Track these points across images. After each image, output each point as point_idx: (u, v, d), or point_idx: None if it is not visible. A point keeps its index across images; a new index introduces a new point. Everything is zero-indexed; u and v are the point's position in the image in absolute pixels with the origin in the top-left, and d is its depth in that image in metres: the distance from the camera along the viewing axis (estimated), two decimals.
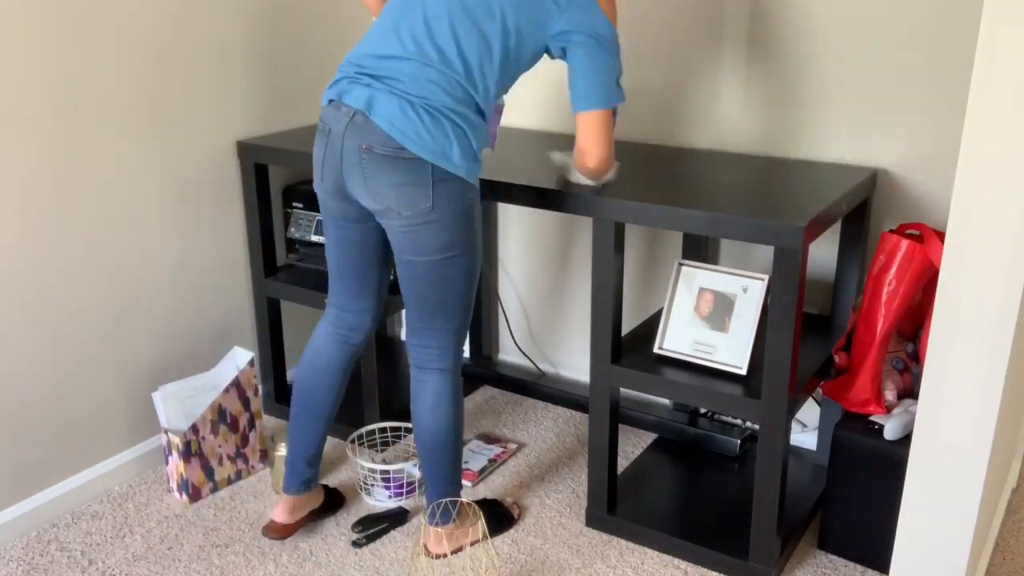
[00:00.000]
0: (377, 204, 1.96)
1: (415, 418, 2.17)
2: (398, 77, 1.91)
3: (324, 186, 2.03)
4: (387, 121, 1.89)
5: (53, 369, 2.39)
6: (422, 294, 2.05)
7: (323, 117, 1.99)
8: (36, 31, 2.20)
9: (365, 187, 1.94)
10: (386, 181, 1.92)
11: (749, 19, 2.45)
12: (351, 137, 1.92)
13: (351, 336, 2.24)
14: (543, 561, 2.28)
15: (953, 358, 1.57)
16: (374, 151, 1.90)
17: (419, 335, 2.13)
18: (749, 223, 1.95)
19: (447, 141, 1.91)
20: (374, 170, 1.92)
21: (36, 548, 2.33)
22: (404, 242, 1.99)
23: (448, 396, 2.16)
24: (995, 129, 1.43)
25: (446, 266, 2.01)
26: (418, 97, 1.90)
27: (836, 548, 2.28)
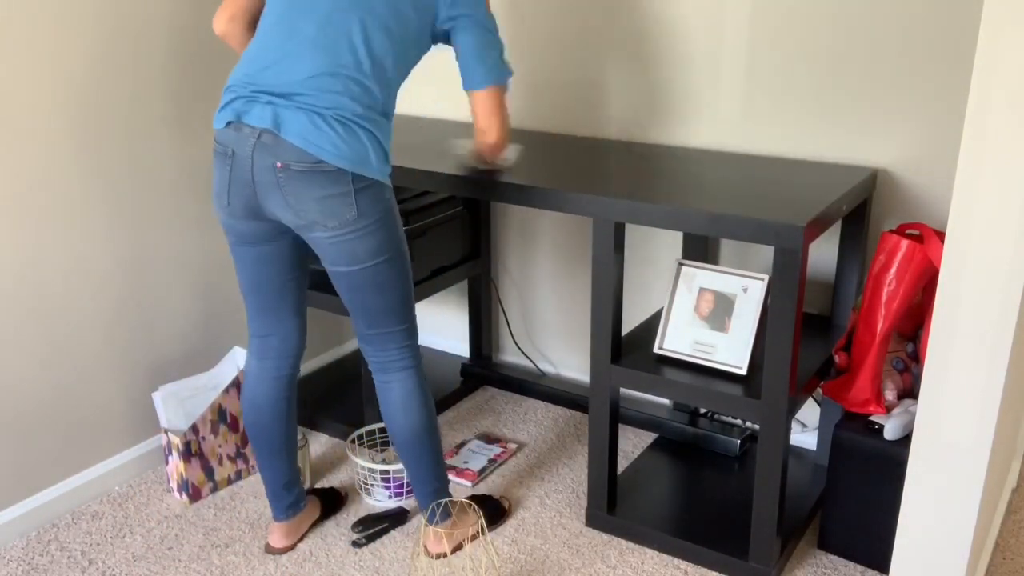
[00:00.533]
0: (300, 219, 1.91)
1: (388, 422, 2.16)
2: (300, 91, 1.87)
3: (231, 210, 1.97)
4: (300, 137, 1.85)
5: (53, 369, 2.39)
6: (365, 303, 2.04)
7: (221, 140, 1.93)
8: (37, 32, 2.20)
9: (286, 205, 1.90)
10: (309, 196, 1.88)
11: (749, 19, 2.45)
12: (261, 157, 1.87)
13: (281, 365, 2.18)
14: (543, 561, 2.28)
15: (953, 358, 1.57)
16: (291, 168, 1.86)
17: (373, 342, 2.11)
18: (749, 223, 1.95)
19: (363, 148, 1.89)
20: (295, 187, 1.87)
21: (36, 548, 2.33)
22: (335, 254, 1.96)
23: (417, 392, 2.14)
24: (995, 129, 1.43)
25: (381, 271, 2.00)
26: (327, 108, 1.87)
27: (836, 548, 2.28)
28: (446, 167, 2.38)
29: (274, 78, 1.89)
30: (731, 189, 2.17)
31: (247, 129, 1.88)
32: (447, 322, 3.32)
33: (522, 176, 2.29)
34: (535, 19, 2.78)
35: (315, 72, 1.87)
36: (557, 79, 2.80)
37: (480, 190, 2.29)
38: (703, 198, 2.09)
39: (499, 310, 3.18)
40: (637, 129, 2.71)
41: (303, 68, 1.88)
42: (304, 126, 1.86)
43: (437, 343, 3.37)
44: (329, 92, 1.87)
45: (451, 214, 2.84)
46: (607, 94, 2.73)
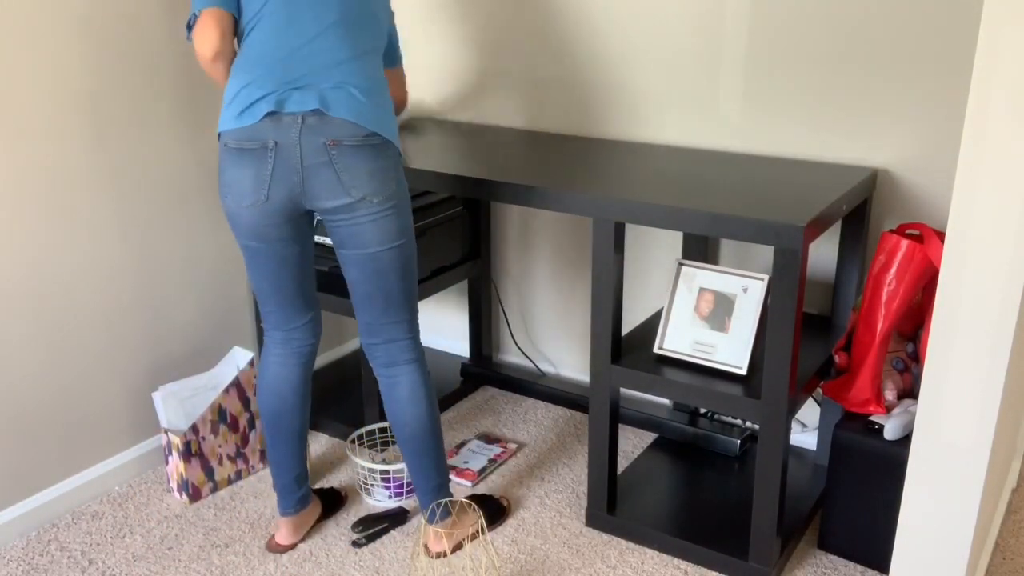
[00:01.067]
0: (350, 197, 1.95)
1: (395, 417, 2.18)
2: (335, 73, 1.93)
3: (268, 206, 1.96)
4: (349, 111, 1.92)
5: (53, 369, 2.39)
6: (385, 287, 2.06)
7: (255, 135, 1.91)
8: (39, 32, 2.20)
9: (338, 182, 1.93)
10: (362, 169, 1.94)
11: (749, 19, 2.45)
12: (309, 139, 1.90)
13: (304, 349, 2.22)
14: (543, 561, 2.28)
15: (953, 358, 1.57)
16: (343, 144, 1.91)
17: (382, 333, 2.13)
18: (749, 223, 1.95)
19: (391, 119, 2.00)
20: (348, 161, 1.93)
21: (36, 548, 2.33)
22: (368, 231, 1.99)
23: (423, 385, 2.17)
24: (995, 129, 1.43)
25: (405, 250, 2.06)
26: (358, 86, 1.95)
27: (836, 548, 2.28)
28: (446, 167, 2.38)
29: (304, 64, 1.93)
30: (731, 189, 2.17)
31: (287, 117, 1.90)
32: (447, 322, 3.32)
33: (522, 176, 2.29)
34: (535, 19, 2.78)
35: (343, 57, 1.95)
36: (557, 79, 2.80)
37: (480, 190, 2.29)
38: (703, 198, 2.09)
39: (499, 310, 3.18)
40: (637, 129, 2.71)
41: (331, 54, 1.94)
42: (352, 101, 1.93)
43: (437, 343, 3.37)
44: (359, 71, 1.96)
45: (451, 214, 2.84)
46: (607, 94, 2.73)
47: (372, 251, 2.02)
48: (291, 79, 1.92)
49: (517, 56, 2.85)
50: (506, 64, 2.87)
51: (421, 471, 2.20)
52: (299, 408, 2.24)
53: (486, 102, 2.96)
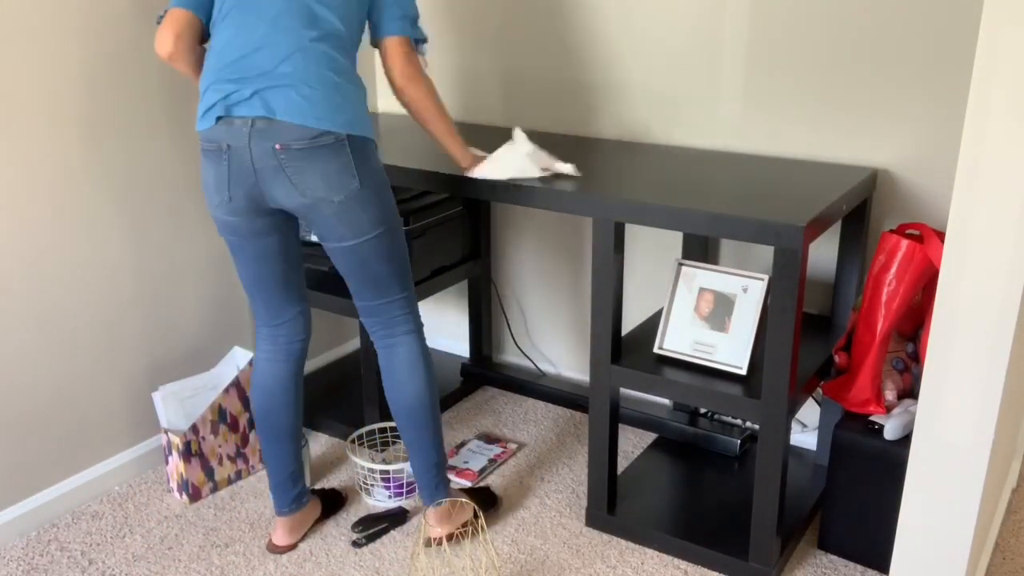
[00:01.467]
0: (306, 199, 1.95)
1: (392, 389, 2.18)
2: (281, 72, 1.90)
3: (233, 205, 1.99)
4: (295, 114, 1.89)
5: (53, 369, 2.39)
6: (372, 272, 2.08)
7: (212, 138, 1.95)
8: (38, 32, 2.20)
9: (291, 185, 1.93)
10: (313, 171, 1.92)
11: (749, 19, 2.45)
12: (259, 144, 1.91)
13: (292, 348, 2.22)
14: (543, 561, 2.28)
15: (953, 358, 1.57)
16: (291, 148, 1.90)
17: (378, 312, 2.15)
18: (749, 223, 1.95)
19: (351, 108, 1.95)
20: (297, 166, 1.92)
21: (36, 548, 2.33)
22: (340, 228, 1.99)
23: (422, 356, 2.18)
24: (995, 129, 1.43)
25: (386, 238, 2.05)
26: (309, 82, 1.91)
27: (836, 548, 2.28)
28: (446, 167, 2.38)
29: (251, 67, 1.91)
30: (731, 189, 2.17)
31: (238, 121, 1.92)
32: (447, 322, 3.32)
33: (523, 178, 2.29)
34: (535, 19, 2.78)
35: (288, 51, 1.91)
36: (557, 79, 2.80)
37: (480, 190, 2.29)
38: (703, 198, 2.09)
39: (499, 310, 3.18)
40: (637, 129, 2.71)
41: (276, 51, 1.91)
42: (295, 102, 1.90)
43: (437, 343, 3.37)
44: (306, 66, 1.91)
45: (451, 214, 2.84)
46: (607, 94, 2.73)
47: (349, 244, 2.02)
48: (240, 83, 1.91)
49: (517, 56, 2.85)
50: (505, 64, 2.88)
51: (419, 448, 2.20)
52: (289, 406, 2.24)
53: (485, 102, 2.96)
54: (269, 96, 1.90)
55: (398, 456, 2.71)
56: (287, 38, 1.91)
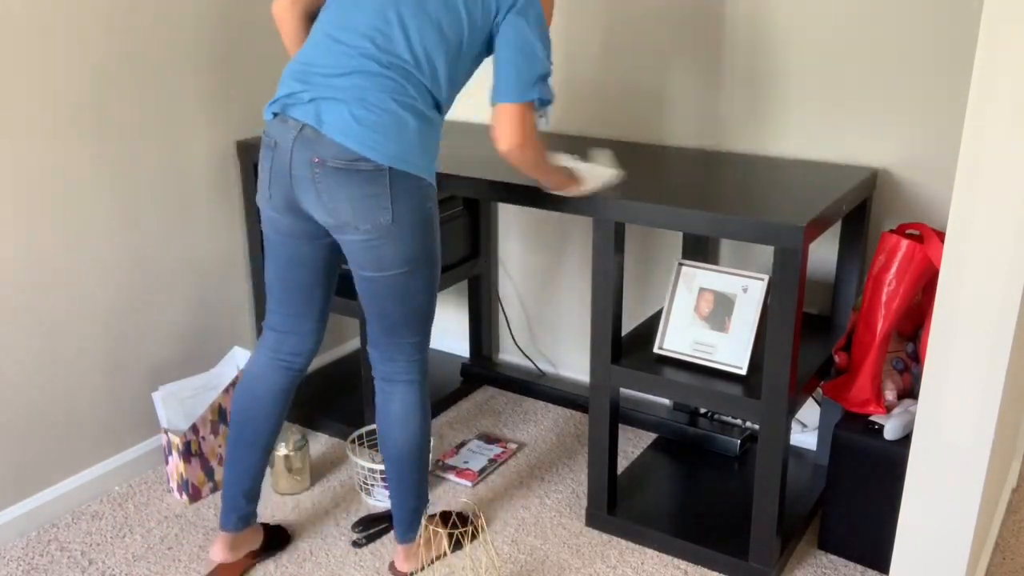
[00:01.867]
0: (333, 219, 1.88)
1: (382, 432, 2.10)
2: (346, 86, 1.84)
3: (273, 203, 1.94)
4: (340, 132, 1.82)
5: (53, 369, 2.39)
6: (384, 309, 1.99)
7: (268, 131, 1.92)
8: (37, 31, 2.20)
9: (319, 203, 1.87)
10: (343, 195, 1.84)
11: (749, 19, 2.45)
12: (300, 151, 1.85)
13: (294, 361, 2.12)
14: (543, 561, 2.28)
15: (953, 358, 1.57)
16: (327, 165, 1.83)
17: (382, 348, 2.06)
18: (749, 223, 1.95)
19: (406, 143, 1.85)
20: (328, 184, 1.84)
21: (36, 548, 2.33)
22: (363, 258, 1.92)
23: (417, 408, 2.08)
24: (995, 129, 1.43)
25: (407, 280, 1.94)
26: (372, 103, 1.83)
27: (836, 548, 2.28)
28: (446, 167, 2.38)
29: (321, 72, 1.86)
30: (731, 189, 2.17)
31: (291, 122, 1.86)
32: (447, 322, 3.32)
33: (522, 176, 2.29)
34: None
35: (362, 67, 1.84)
36: (556, 79, 2.79)
37: (480, 190, 2.29)
38: (703, 198, 2.09)
39: (499, 310, 3.18)
40: (637, 129, 2.71)
41: (350, 62, 1.84)
42: (346, 121, 1.82)
43: (437, 343, 3.37)
44: (375, 87, 1.83)
45: (451, 214, 2.84)
46: (606, 94, 2.73)
47: (367, 275, 1.94)
48: (311, 82, 1.87)
49: None
50: None
51: (399, 491, 2.13)
52: (272, 417, 2.13)
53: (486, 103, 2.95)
54: (323, 107, 1.84)
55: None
56: (370, 52, 1.84)
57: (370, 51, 1.84)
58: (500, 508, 2.48)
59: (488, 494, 2.54)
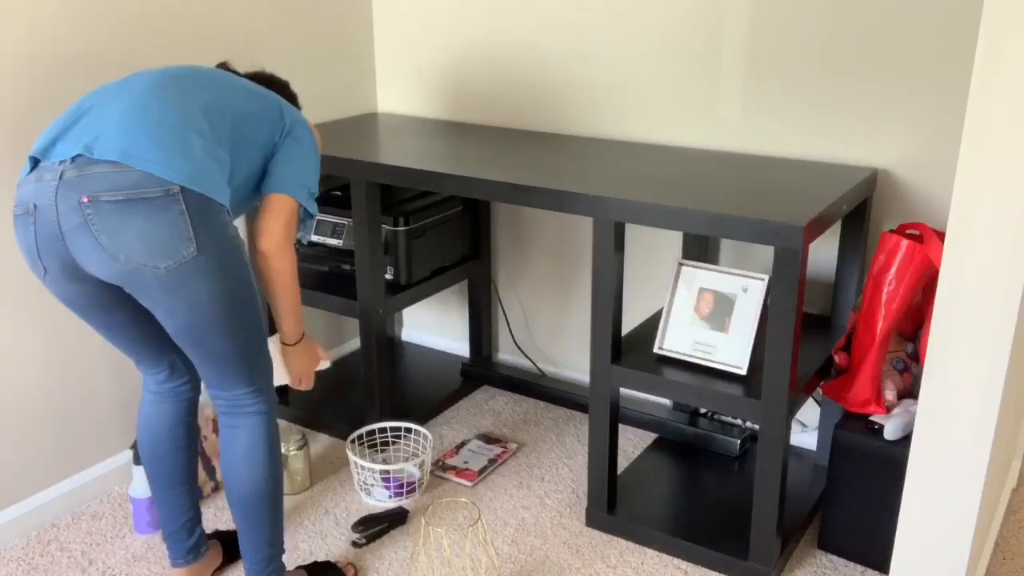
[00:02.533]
0: (122, 264, 1.61)
1: (227, 473, 1.90)
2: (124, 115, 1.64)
3: (51, 275, 1.69)
4: (119, 150, 1.60)
5: (53, 369, 2.39)
6: (213, 351, 1.75)
7: (20, 201, 1.66)
8: (37, 32, 2.20)
9: (100, 248, 1.60)
10: (129, 231, 1.59)
11: (749, 19, 2.46)
12: (65, 198, 1.59)
13: (178, 389, 2.00)
14: (543, 561, 2.28)
15: (953, 358, 1.57)
16: (101, 200, 1.58)
17: (221, 387, 1.84)
18: (749, 223, 1.95)
19: (204, 163, 1.64)
20: (108, 222, 1.59)
21: (36, 548, 2.33)
22: (171, 301, 1.66)
23: (266, 442, 1.89)
24: (995, 129, 1.43)
25: (232, 313, 1.72)
26: (155, 121, 1.64)
27: (836, 548, 2.28)
28: (446, 167, 2.38)
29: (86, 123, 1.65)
30: (731, 189, 2.17)
31: (48, 173, 1.62)
32: (447, 322, 3.32)
33: (522, 176, 2.29)
34: (534, 20, 2.78)
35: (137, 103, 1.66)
36: (556, 79, 2.80)
37: (480, 190, 2.29)
38: (703, 198, 2.09)
39: (499, 310, 3.18)
40: (637, 129, 2.71)
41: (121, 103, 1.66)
42: (127, 137, 1.61)
43: (437, 343, 3.37)
44: (159, 109, 1.65)
45: (451, 214, 2.84)
46: (606, 94, 2.73)
47: (182, 320, 1.69)
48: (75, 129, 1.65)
49: (517, 57, 2.85)
50: (506, 65, 2.87)
51: (249, 539, 1.93)
52: (178, 451, 2.01)
53: (486, 103, 2.96)
54: (100, 134, 1.63)
55: (398, 456, 2.71)
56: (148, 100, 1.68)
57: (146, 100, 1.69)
58: (500, 508, 2.48)
59: (488, 494, 2.54)
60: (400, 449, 2.74)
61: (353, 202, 2.53)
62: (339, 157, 2.51)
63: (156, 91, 1.70)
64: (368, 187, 2.51)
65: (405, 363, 3.24)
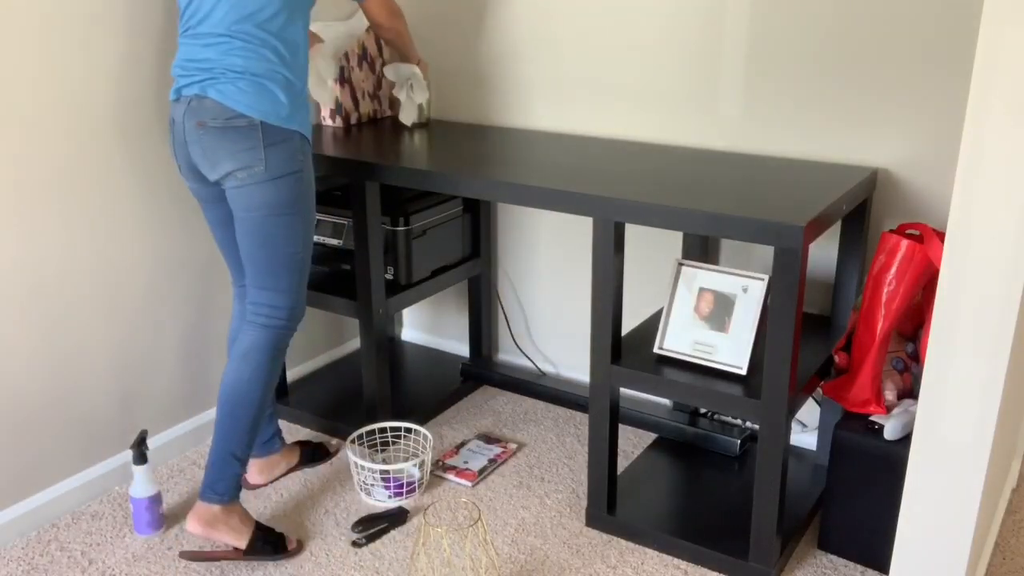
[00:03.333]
0: (217, 173, 2.12)
1: (226, 368, 2.23)
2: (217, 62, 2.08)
3: (182, 171, 2.22)
4: (219, 94, 2.07)
5: (53, 369, 2.39)
6: (251, 252, 2.17)
7: (171, 112, 2.18)
8: (37, 31, 2.20)
9: (205, 159, 2.11)
10: (222, 150, 2.08)
11: (749, 18, 2.45)
12: (189, 119, 2.10)
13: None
14: (543, 561, 2.28)
15: (953, 358, 1.57)
16: (208, 125, 2.08)
17: (252, 293, 2.21)
18: (749, 223, 1.95)
19: (274, 99, 2.09)
20: (210, 141, 2.09)
21: (36, 548, 2.33)
22: (236, 200, 2.13)
23: (261, 349, 2.20)
24: (995, 129, 1.43)
25: (271, 225, 2.14)
26: (230, 68, 2.07)
27: (836, 548, 2.28)
28: (446, 167, 2.38)
29: (199, 55, 2.10)
30: (731, 189, 2.17)
31: (183, 99, 2.12)
32: (447, 322, 3.32)
33: (522, 176, 2.29)
34: (534, 19, 2.78)
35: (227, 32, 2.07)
36: (557, 78, 2.80)
37: (480, 190, 2.29)
38: (703, 198, 2.09)
39: (499, 310, 3.18)
40: (637, 129, 2.71)
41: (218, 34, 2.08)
42: (225, 86, 2.07)
43: (437, 343, 3.37)
44: (237, 52, 2.07)
45: (451, 214, 2.84)
46: (606, 93, 2.73)
47: (240, 215, 2.15)
48: (192, 66, 2.11)
49: (517, 57, 2.85)
50: (506, 65, 2.87)
51: (219, 434, 2.20)
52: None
53: (486, 103, 2.96)
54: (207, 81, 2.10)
55: (398, 456, 2.71)
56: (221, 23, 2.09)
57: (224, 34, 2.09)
58: (500, 508, 2.48)
59: (488, 494, 2.54)
60: (400, 449, 2.73)
61: (353, 202, 2.53)
62: (339, 158, 2.51)
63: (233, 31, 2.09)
64: (368, 187, 2.51)
65: (405, 363, 3.24)
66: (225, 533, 2.21)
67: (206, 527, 2.20)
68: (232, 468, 2.20)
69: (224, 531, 2.21)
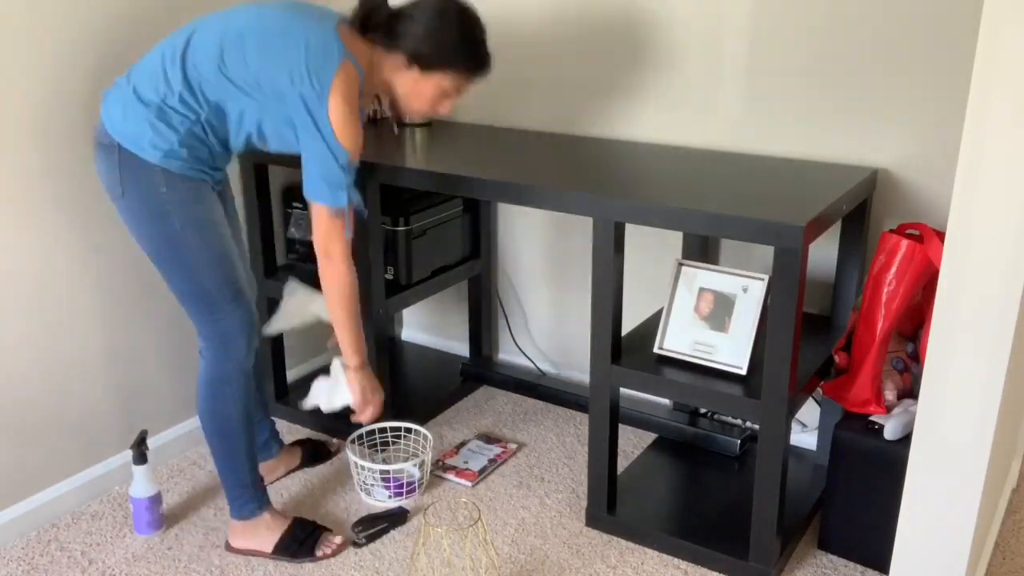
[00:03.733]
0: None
1: None
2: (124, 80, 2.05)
3: None
4: (104, 108, 2.03)
5: (53, 369, 2.39)
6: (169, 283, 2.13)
7: None
8: (38, 32, 2.20)
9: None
10: (98, 166, 2.05)
11: (749, 19, 2.45)
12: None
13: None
14: (543, 561, 2.28)
15: (953, 358, 1.57)
16: (94, 139, 2.06)
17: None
18: (749, 223, 1.95)
19: (143, 129, 1.96)
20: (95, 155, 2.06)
21: (36, 548, 2.33)
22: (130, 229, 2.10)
23: (204, 384, 2.18)
24: (995, 129, 1.43)
25: (155, 257, 2.08)
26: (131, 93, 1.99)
27: (836, 548, 2.28)
28: (446, 167, 2.38)
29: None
30: (731, 189, 2.17)
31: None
32: (447, 322, 3.32)
33: (522, 176, 2.29)
34: (534, 20, 2.78)
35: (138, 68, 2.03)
36: (557, 78, 2.80)
37: (480, 190, 2.29)
38: (703, 198, 2.09)
39: (499, 310, 3.18)
40: (637, 129, 2.71)
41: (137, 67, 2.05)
42: (109, 103, 2.03)
43: (437, 343, 3.37)
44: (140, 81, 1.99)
45: (451, 214, 2.84)
46: (607, 94, 2.73)
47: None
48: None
49: (517, 57, 2.85)
50: (506, 65, 2.87)
51: (214, 457, 2.25)
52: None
53: (486, 103, 2.96)
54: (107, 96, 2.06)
55: (398, 456, 2.71)
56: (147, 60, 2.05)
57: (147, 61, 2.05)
58: (500, 508, 2.48)
59: (488, 494, 2.54)
60: (400, 449, 2.73)
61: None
62: None
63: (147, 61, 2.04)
64: (368, 187, 2.51)
65: (405, 363, 3.23)
66: (252, 542, 2.30)
67: (232, 540, 2.31)
68: (231, 489, 2.27)
69: (251, 541, 2.30)
